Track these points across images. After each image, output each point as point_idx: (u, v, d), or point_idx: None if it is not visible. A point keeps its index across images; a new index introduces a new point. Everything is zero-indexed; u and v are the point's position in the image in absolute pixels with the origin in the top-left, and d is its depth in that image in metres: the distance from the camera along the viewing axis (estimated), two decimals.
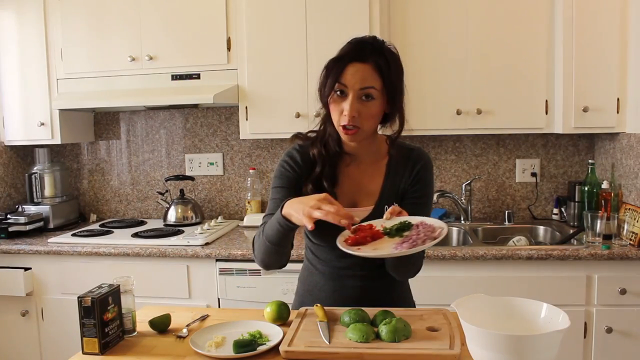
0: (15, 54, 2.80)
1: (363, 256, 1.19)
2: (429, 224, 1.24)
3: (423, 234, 1.20)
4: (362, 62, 1.31)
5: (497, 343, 0.99)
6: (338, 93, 1.33)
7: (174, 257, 2.39)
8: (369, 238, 1.23)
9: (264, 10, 2.54)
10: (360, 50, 1.33)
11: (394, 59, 1.36)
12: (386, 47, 1.36)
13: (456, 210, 2.84)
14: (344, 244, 1.22)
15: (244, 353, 1.18)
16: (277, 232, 1.30)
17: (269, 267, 1.44)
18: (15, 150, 3.02)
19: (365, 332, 1.19)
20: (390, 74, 1.33)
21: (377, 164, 1.46)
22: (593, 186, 2.49)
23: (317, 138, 1.46)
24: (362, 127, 1.33)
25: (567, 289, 2.17)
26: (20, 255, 2.54)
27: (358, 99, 1.32)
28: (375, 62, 1.32)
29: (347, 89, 1.32)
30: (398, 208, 1.30)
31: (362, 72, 1.31)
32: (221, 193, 3.06)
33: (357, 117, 1.32)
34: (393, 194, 1.43)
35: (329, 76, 1.33)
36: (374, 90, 1.32)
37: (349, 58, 1.32)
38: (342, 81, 1.32)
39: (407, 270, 1.44)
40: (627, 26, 2.32)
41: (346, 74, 1.31)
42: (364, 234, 1.24)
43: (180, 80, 2.63)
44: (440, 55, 2.52)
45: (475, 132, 2.58)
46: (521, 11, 2.45)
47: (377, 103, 1.34)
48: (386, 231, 1.26)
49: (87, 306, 1.25)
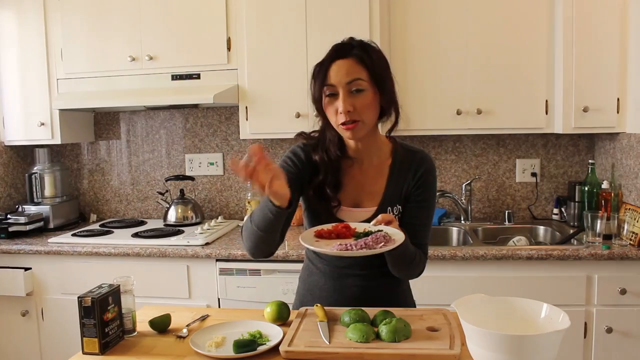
0: (15, 54, 2.80)
1: (302, 244, 1.26)
2: (388, 235, 1.26)
3: (372, 241, 1.23)
4: (344, 57, 1.33)
5: (497, 343, 0.99)
6: (328, 95, 1.34)
7: (174, 257, 2.39)
8: (334, 235, 1.29)
9: (264, 10, 2.54)
10: (340, 50, 1.35)
11: (374, 50, 1.37)
12: (365, 42, 1.38)
13: (456, 210, 2.84)
14: (310, 232, 1.32)
15: (244, 353, 1.18)
16: (265, 217, 1.28)
17: (256, 255, 1.41)
18: (15, 150, 3.02)
19: (365, 332, 1.19)
20: (373, 64, 1.34)
21: (380, 166, 1.46)
22: (593, 186, 2.49)
23: (317, 144, 1.45)
24: (361, 119, 1.34)
25: (567, 289, 2.17)
26: (20, 255, 2.54)
27: (349, 94, 1.32)
28: (357, 55, 1.33)
29: (335, 87, 1.33)
30: (388, 217, 1.30)
31: (346, 67, 1.32)
32: (221, 193, 3.06)
33: (353, 111, 1.32)
34: (397, 195, 1.43)
35: (316, 81, 1.35)
36: (362, 81, 1.32)
37: (331, 58, 1.34)
38: (328, 82, 1.33)
39: (407, 272, 1.45)
40: (627, 26, 2.32)
41: (330, 74, 1.33)
42: (334, 230, 1.30)
43: (180, 80, 2.63)
44: (441, 56, 2.52)
45: (475, 132, 2.58)
46: (521, 11, 2.46)
47: (369, 93, 1.34)
48: (356, 234, 1.29)
49: (87, 306, 1.25)
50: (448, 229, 2.73)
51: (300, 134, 1.50)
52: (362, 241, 1.23)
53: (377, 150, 1.46)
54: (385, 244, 1.22)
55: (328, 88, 1.33)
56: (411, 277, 1.49)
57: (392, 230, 1.28)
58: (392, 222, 1.30)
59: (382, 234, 1.25)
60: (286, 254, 2.28)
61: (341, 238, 1.29)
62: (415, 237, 1.40)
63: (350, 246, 1.22)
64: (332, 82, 1.33)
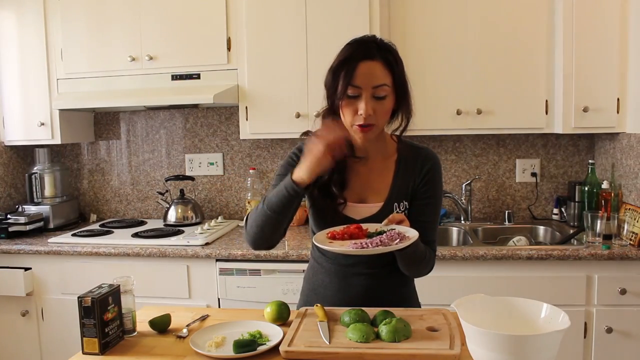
0: (15, 54, 2.80)
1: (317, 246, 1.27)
2: (402, 233, 1.27)
3: (387, 238, 1.24)
4: (372, 59, 1.31)
5: (497, 343, 0.99)
6: (350, 95, 1.32)
7: (174, 257, 2.39)
8: (347, 236, 1.29)
9: (264, 10, 2.54)
10: (367, 49, 1.33)
11: (397, 55, 1.37)
12: (388, 44, 1.37)
13: (456, 210, 2.84)
14: (322, 234, 1.32)
15: (244, 353, 1.18)
16: (282, 199, 1.31)
17: (257, 243, 1.41)
18: (15, 150, 3.02)
19: (365, 332, 1.19)
20: (399, 71, 1.34)
21: (385, 162, 1.47)
22: (593, 186, 2.49)
23: None
24: (377, 123, 1.34)
25: (567, 289, 2.17)
26: (20, 255, 2.54)
27: (372, 97, 1.32)
28: (384, 58, 1.32)
29: (360, 89, 1.31)
30: (398, 216, 1.31)
31: (374, 70, 1.31)
32: (221, 193, 3.06)
33: (373, 115, 1.32)
34: (403, 191, 1.43)
35: (339, 79, 1.32)
36: (387, 87, 1.32)
37: (359, 57, 1.31)
38: (354, 83, 1.31)
39: (418, 270, 1.45)
40: (627, 26, 2.32)
41: (358, 75, 1.31)
42: (346, 231, 1.30)
43: (180, 80, 2.63)
44: (441, 55, 2.52)
45: (475, 132, 2.58)
46: (521, 11, 2.45)
47: (390, 99, 1.35)
48: (369, 234, 1.30)
49: (87, 306, 1.25)
50: (448, 229, 2.73)
51: (306, 133, 1.50)
52: (378, 239, 1.24)
53: (383, 148, 1.47)
54: (401, 240, 1.23)
55: (352, 89, 1.32)
56: (421, 275, 1.49)
57: (404, 229, 1.28)
58: (404, 222, 1.30)
59: (396, 232, 1.26)
60: (286, 254, 2.28)
61: (354, 239, 1.29)
62: (423, 235, 1.39)
63: (366, 244, 1.22)
64: (359, 84, 1.31)
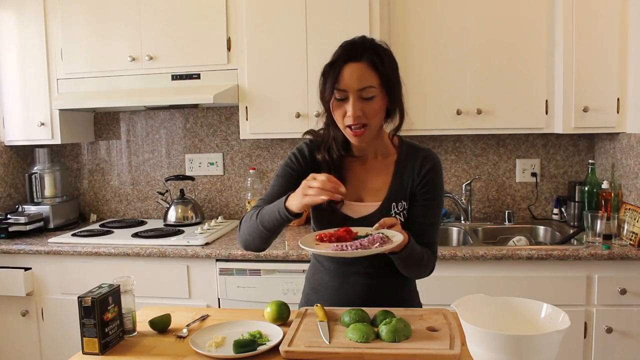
0: (15, 54, 2.80)
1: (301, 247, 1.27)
2: (387, 237, 1.27)
3: (367, 241, 1.24)
4: (357, 61, 1.32)
5: (497, 343, 0.99)
6: (338, 98, 1.33)
7: (174, 257, 2.39)
8: (334, 238, 1.30)
9: (264, 10, 2.54)
10: (352, 50, 1.34)
11: (386, 54, 1.37)
12: (377, 44, 1.37)
13: (456, 210, 2.84)
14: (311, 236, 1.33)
15: (244, 353, 1.18)
16: (274, 220, 1.32)
17: (249, 248, 1.45)
18: (15, 150, 3.02)
19: (365, 332, 1.19)
20: (385, 69, 1.33)
21: (384, 161, 1.47)
22: (593, 186, 2.49)
23: (321, 143, 1.46)
24: (368, 124, 1.34)
25: (567, 289, 2.17)
26: (20, 255, 2.54)
27: (359, 99, 1.32)
28: (369, 58, 1.32)
29: (346, 92, 1.32)
30: (391, 220, 1.31)
31: (359, 72, 1.32)
32: (221, 193, 3.06)
33: (362, 116, 1.33)
34: (401, 192, 1.43)
35: (327, 81, 1.35)
36: (373, 89, 1.32)
37: (343, 59, 1.33)
38: (340, 86, 1.32)
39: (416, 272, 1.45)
40: (627, 26, 2.32)
41: (343, 77, 1.32)
42: (334, 234, 1.31)
43: (180, 80, 2.63)
44: (441, 55, 2.52)
45: (475, 132, 2.58)
46: (521, 11, 2.45)
47: (378, 99, 1.34)
48: (356, 237, 1.31)
49: (87, 306, 1.25)
50: (448, 229, 2.73)
51: (308, 131, 1.51)
52: (358, 242, 1.25)
53: (381, 148, 1.47)
54: (381, 244, 1.23)
55: (338, 92, 1.33)
56: (421, 277, 1.49)
57: (391, 233, 1.29)
58: (395, 225, 1.30)
59: (379, 235, 1.26)
60: (286, 254, 2.28)
61: (341, 242, 1.29)
62: (423, 236, 1.40)
63: (346, 246, 1.24)
64: (343, 87, 1.32)
